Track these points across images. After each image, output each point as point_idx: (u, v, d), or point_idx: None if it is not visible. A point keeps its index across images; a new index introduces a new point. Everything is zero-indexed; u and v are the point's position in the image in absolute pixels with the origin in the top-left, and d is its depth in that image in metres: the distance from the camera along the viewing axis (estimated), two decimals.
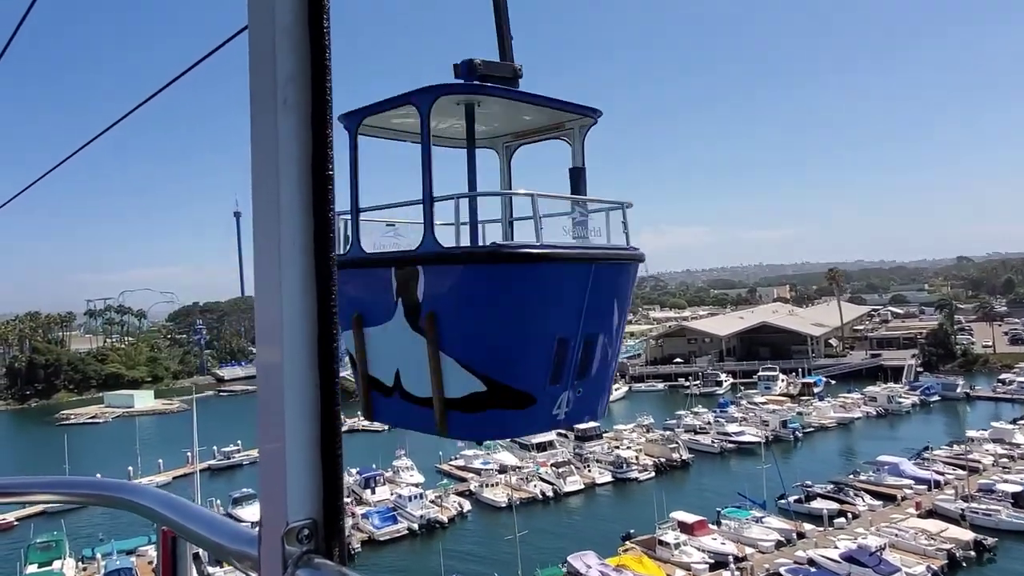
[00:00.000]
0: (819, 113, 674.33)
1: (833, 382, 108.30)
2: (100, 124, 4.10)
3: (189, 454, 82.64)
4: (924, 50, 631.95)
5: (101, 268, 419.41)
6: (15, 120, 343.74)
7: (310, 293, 1.65)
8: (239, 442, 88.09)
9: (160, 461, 79.28)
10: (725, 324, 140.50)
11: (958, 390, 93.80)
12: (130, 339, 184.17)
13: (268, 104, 1.63)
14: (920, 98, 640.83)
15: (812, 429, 79.57)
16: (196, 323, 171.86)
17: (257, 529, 1.72)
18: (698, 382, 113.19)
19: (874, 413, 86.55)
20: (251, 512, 60.66)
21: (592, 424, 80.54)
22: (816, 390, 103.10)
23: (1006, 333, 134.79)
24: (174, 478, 78.16)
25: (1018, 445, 65.02)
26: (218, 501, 62.96)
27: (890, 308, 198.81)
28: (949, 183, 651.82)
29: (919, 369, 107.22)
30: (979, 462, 61.50)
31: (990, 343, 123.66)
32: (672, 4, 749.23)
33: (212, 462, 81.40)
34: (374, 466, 70.56)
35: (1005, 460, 62.46)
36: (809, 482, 56.02)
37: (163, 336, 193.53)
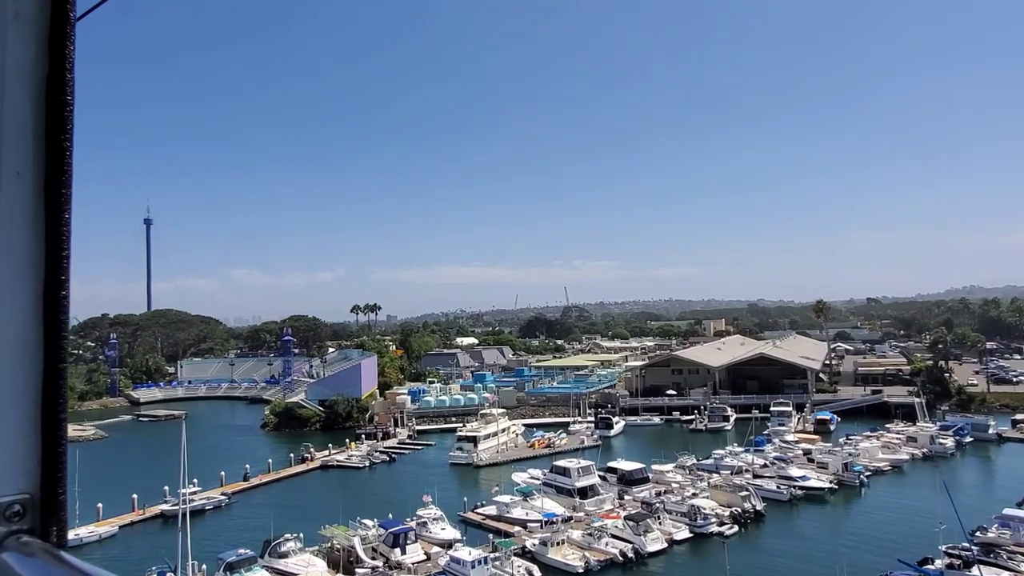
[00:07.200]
0: (734, 164, 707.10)
1: (839, 419, 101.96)
2: None
3: (135, 496, 66.45)
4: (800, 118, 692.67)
5: None
6: None
7: (37, 238, 1.40)
8: (195, 480, 71.54)
9: (99, 506, 62.00)
10: (710, 355, 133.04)
11: (990, 431, 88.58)
12: None
13: None
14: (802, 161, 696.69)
15: (870, 473, 71.36)
16: (110, 338, 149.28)
17: None
18: (699, 416, 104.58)
19: (920, 455, 79.51)
20: None
21: (636, 466, 69.54)
22: (832, 427, 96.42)
23: (977, 372, 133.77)
24: (120, 527, 61.41)
25: None
26: (203, 567, 47.56)
27: (841, 344, 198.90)
28: (837, 232, 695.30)
29: (944, 408, 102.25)
30: None
31: (973, 382, 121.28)
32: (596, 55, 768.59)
33: (165, 507, 64.85)
34: (390, 515, 56.43)
35: None
36: (966, 544, 46.72)
37: None
